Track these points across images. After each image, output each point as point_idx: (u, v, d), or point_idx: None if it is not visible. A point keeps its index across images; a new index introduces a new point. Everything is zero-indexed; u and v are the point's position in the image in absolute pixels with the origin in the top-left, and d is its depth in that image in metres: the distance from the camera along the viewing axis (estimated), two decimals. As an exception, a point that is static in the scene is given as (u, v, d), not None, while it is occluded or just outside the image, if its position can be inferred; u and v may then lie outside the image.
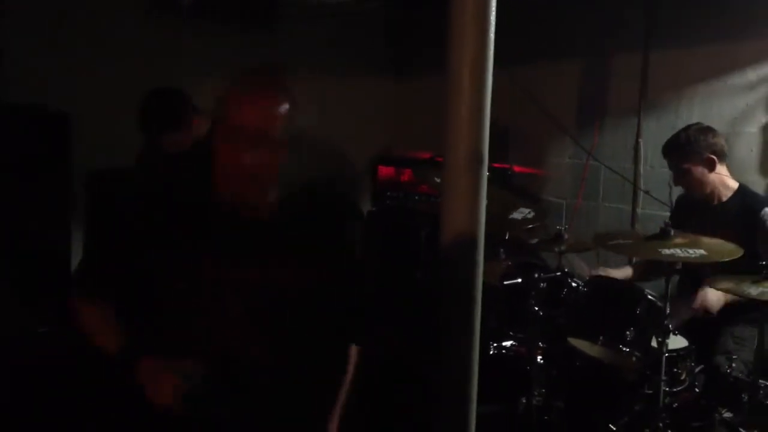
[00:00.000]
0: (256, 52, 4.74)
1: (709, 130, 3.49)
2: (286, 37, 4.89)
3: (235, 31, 4.64)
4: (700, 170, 3.43)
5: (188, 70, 3.22)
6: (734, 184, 3.49)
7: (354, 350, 2.19)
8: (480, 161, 1.75)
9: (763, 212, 3.31)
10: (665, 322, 2.85)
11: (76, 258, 3.74)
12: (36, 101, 3.55)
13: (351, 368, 2.17)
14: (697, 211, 3.54)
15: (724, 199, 3.48)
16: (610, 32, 4.59)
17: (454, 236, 1.76)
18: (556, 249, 3.58)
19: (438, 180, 3.73)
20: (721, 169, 3.46)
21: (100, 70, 4.07)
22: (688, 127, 3.53)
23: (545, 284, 3.36)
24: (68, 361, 3.31)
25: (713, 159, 3.43)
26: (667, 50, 4.35)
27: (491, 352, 3.55)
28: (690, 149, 3.44)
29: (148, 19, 4.30)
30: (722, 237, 3.13)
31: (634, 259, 4.03)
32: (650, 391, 2.96)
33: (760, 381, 2.85)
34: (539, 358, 3.33)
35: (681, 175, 3.51)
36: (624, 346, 3.08)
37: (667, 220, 3.06)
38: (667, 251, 2.83)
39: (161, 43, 4.18)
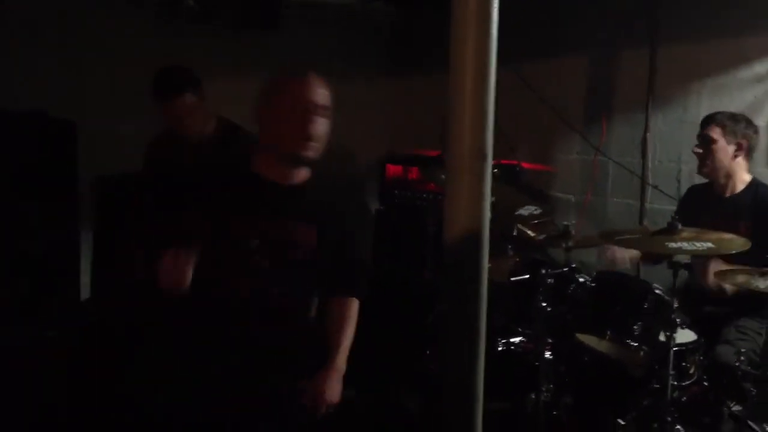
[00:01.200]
0: (260, 54, 4.77)
1: (750, 122, 3.53)
2: (290, 38, 4.90)
3: (239, 33, 4.65)
4: (724, 147, 3.44)
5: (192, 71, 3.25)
6: (748, 177, 3.52)
7: (355, 303, 2.62)
8: (483, 158, 1.75)
9: None
10: (673, 316, 2.85)
11: (84, 262, 3.77)
12: (42, 108, 3.57)
13: (351, 318, 2.59)
14: (709, 202, 3.55)
15: (738, 191, 3.49)
16: (616, 27, 4.59)
17: (457, 234, 1.77)
18: (564, 245, 3.58)
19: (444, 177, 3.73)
20: (743, 162, 3.48)
21: (106, 76, 4.09)
22: (736, 113, 3.57)
23: (552, 280, 3.36)
24: (74, 364, 3.35)
25: (742, 144, 3.45)
26: (675, 45, 4.34)
27: (499, 349, 3.56)
28: (726, 122, 3.46)
29: (153, 23, 4.31)
30: (734, 228, 3.15)
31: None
32: (658, 386, 2.95)
33: (768, 374, 2.86)
34: (547, 353, 3.34)
35: (706, 145, 3.48)
36: (632, 340, 3.08)
37: (674, 214, 3.05)
38: (674, 245, 2.84)
39: (167, 47, 4.19)
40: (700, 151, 3.49)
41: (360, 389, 4.32)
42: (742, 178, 3.50)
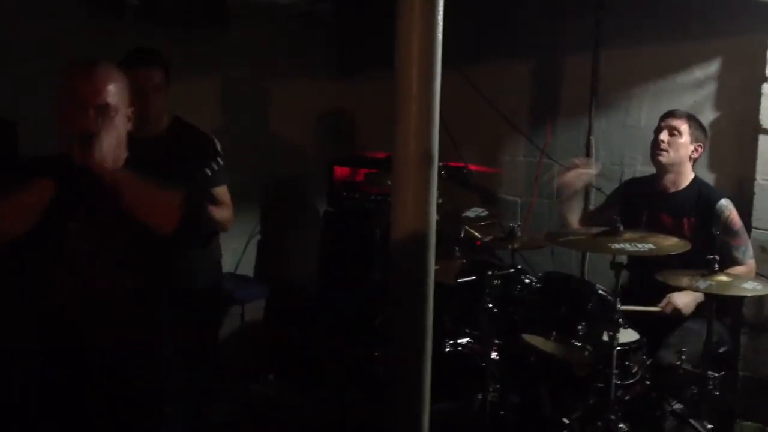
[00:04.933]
0: (206, 53, 4.72)
1: (704, 127, 3.64)
2: (236, 38, 4.87)
3: (182, 32, 4.60)
4: (686, 143, 3.52)
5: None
6: (692, 175, 3.60)
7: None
8: (430, 160, 1.76)
9: (719, 204, 3.42)
10: (616, 316, 2.90)
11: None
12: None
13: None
14: (652, 196, 3.61)
15: (682, 187, 3.56)
16: (560, 33, 4.65)
17: (404, 236, 1.78)
18: (510, 246, 3.61)
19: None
20: (690, 164, 3.58)
21: (43, 75, 4.00)
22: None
23: (499, 281, 3.39)
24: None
25: (701, 147, 3.56)
26: (617, 50, 4.42)
27: (447, 350, 3.58)
28: (696, 126, 3.55)
29: (92, 21, 4.23)
30: (678, 224, 3.23)
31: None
32: (602, 385, 3.00)
33: (709, 372, 2.92)
34: (494, 354, 3.36)
35: (669, 134, 3.53)
36: (576, 340, 3.12)
37: (605, 204, 3.10)
38: (616, 246, 2.89)
39: (107, 45, 4.11)
40: (665, 138, 3.54)
41: (308, 390, 4.34)
42: (688, 176, 3.58)
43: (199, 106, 3.69)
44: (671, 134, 3.53)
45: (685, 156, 3.53)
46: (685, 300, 3.30)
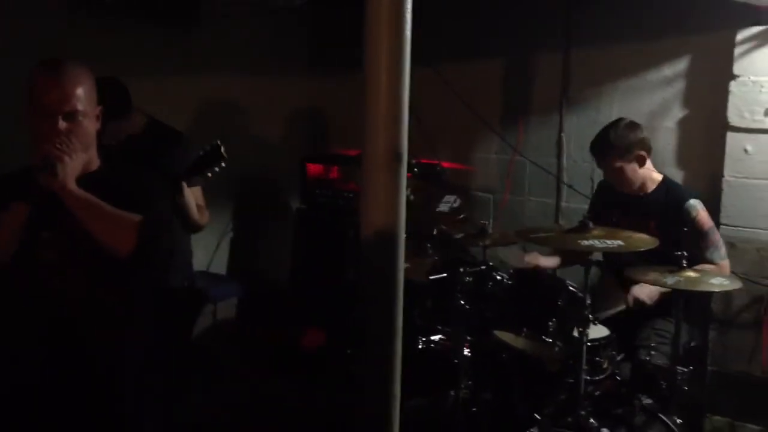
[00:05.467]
0: (179, 50, 4.69)
1: (636, 126, 3.52)
2: (209, 35, 4.84)
3: (157, 29, 4.56)
4: (632, 167, 3.49)
5: (110, 69, 3.15)
6: (658, 177, 3.59)
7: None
8: (399, 158, 1.76)
9: (686, 204, 3.41)
10: (586, 312, 2.92)
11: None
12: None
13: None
14: (621, 200, 3.61)
15: (649, 191, 3.56)
16: (531, 31, 4.67)
17: (373, 234, 1.77)
18: (481, 243, 3.62)
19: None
20: (648, 163, 3.54)
21: (20, 72, 3.94)
22: (615, 124, 3.54)
23: (471, 278, 3.39)
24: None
25: (644, 155, 3.49)
26: (587, 48, 4.45)
27: (419, 347, 3.59)
28: (621, 147, 3.46)
29: (67, 18, 4.18)
30: (645, 227, 3.24)
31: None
32: (573, 381, 3.02)
33: (678, 368, 2.95)
34: (466, 351, 3.37)
35: (613, 173, 3.54)
36: (547, 337, 3.14)
37: (586, 213, 3.13)
38: (586, 242, 2.91)
39: (82, 42, 4.07)
40: (611, 178, 3.58)
41: (282, 387, 4.34)
42: (653, 178, 3.57)
43: (171, 104, 3.67)
44: (610, 175, 3.56)
45: (635, 175, 3.51)
46: (646, 291, 3.29)
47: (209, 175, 2.88)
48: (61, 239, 2.23)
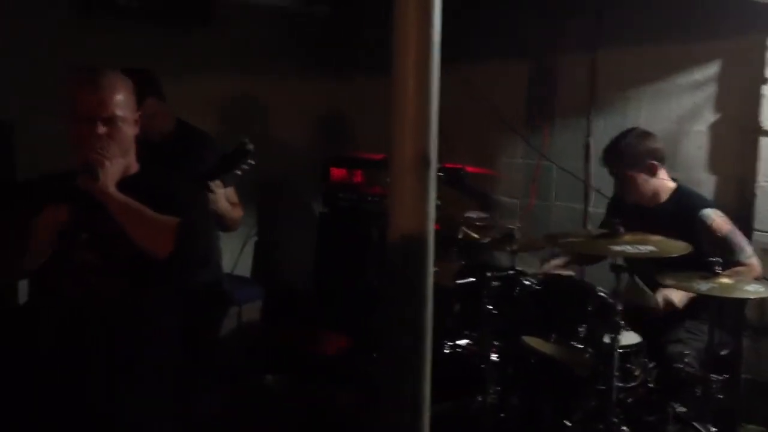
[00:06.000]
0: (193, 52, 4.70)
1: (648, 135, 3.49)
2: (230, 37, 4.85)
3: (172, 31, 4.58)
4: (643, 177, 3.45)
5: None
6: (672, 185, 3.52)
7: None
8: (427, 163, 1.73)
9: (701, 214, 3.34)
10: (617, 318, 2.88)
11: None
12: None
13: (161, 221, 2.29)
14: (633, 213, 3.52)
15: (661, 201, 3.50)
16: (558, 34, 4.63)
17: (401, 238, 1.75)
18: (508, 248, 3.59)
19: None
20: (661, 173, 3.49)
21: (36, 75, 3.97)
22: (626, 134, 3.51)
23: (498, 283, 3.37)
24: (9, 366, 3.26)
25: (655, 165, 3.45)
26: (615, 51, 4.40)
27: (446, 351, 3.56)
28: (632, 157, 3.43)
29: (83, 20, 4.21)
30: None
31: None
32: (603, 387, 2.97)
33: (712, 375, 2.89)
34: (494, 356, 3.34)
35: (623, 183, 3.51)
36: (577, 342, 3.10)
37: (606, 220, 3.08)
38: (617, 248, 2.86)
39: (97, 44, 4.10)
40: (622, 189, 3.53)
41: (305, 391, 4.34)
42: (666, 187, 3.51)
43: (190, 107, 3.67)
44: (624, 182, 3.51)
45: (647, 186, 3.48)
46: (679, 295, 3.24)
47: (239, 173, 2.89)
48: (99, 241, 2.27)
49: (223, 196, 3.09)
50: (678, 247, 2.88)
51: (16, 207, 2.30)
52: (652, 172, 3.44)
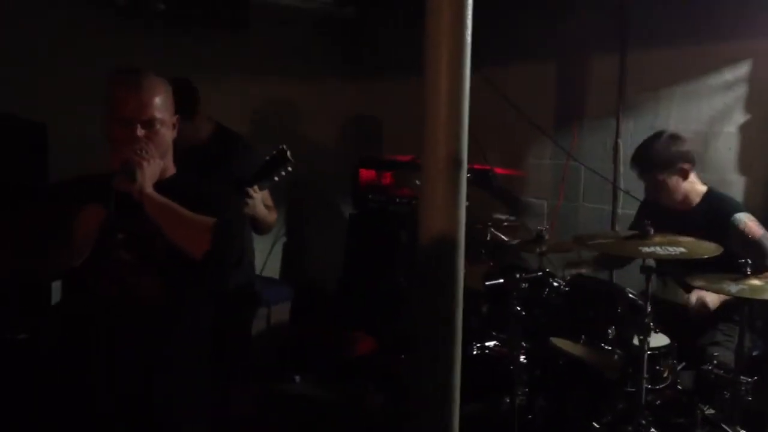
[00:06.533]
0: (229, 55, 4.75)
1: (679, 138, 3.45)
2: (260, 40, 4.89)
3: (207, 34, 4.63)
4: (674, 180, 3.42)
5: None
6: (703, 189, 3.49)
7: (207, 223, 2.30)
8: (459, 164, 1.75)
9: (733, 218, 3.31)
10: (647, 320, 2.87)
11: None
12: (10, 111, 3.52)
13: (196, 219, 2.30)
14: (665, 217, 3.47)
15: (693, 204, 3.47)
16: (586, 34, 4.62)
17: (433, 239, 1.77)
18: (537, 250, 3.59)
19: (419, 182, 3.73)
20: (692, 176, 3.46)
21: (72, 77, 4.04)
22: (656, 137, 3.48)
23: (527, 284, 3.36)
24: (45, 366, 3.32)
25: (686, 168, 3.42)
26: (645, 51, 4.38)
27: (474, 353, 3.57)
28: (663, 160, 3.40)
29: (122, 24, 4.28)
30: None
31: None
32: (632, 389, 2.97)
33: (742, 377, 2.88)
34: (522, 357, 3.34)
35: (655, 187, 3.48)
36: (606, 344, 3.10)
37: (647, 221, 3.06)
38: (647, 249, 2.85)
39: (134, 47, 4.16)
40: (654, 192, 3.49)
41: (329, 390, 4.37)
42: (697, 191, 3.48)
43: (223, 109, 3.72)
44: (656, 187, 3.47)
45: (678, 189, 3.44)
46: (713, 297, 3.21)
47: (276, 179, 2.93)
48: (135, 241, 2.28)
49: (261, 201, 3.13)
50: (708, 249, 2.87)
51: (56, 206, 2.34)
52: (684, 176, 3.42)
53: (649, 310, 2.88)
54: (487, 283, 3.63)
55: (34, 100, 3.74)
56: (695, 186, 3.48)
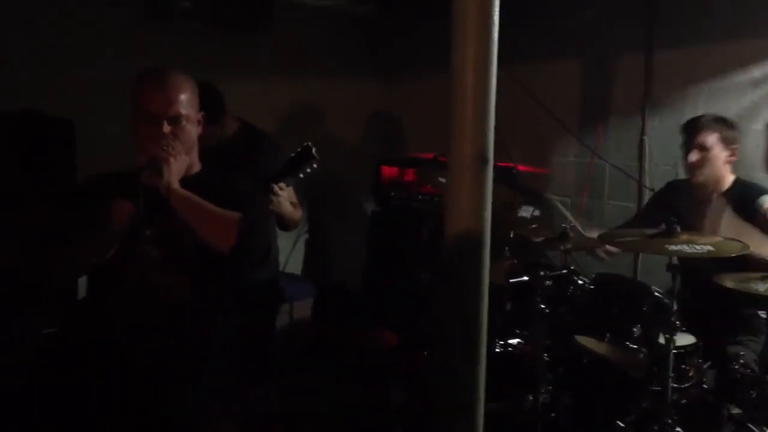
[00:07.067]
0: (252, 55, 4.77)
1: (738, 127, 3.53)
2: (282, 39, 4.91)
3: (230, 34, 4.65)
4: (718, 149, 3.42)
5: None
6: (732, 177, 3.50)
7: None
8: (485, 161, 1.75)
9: (759, 199, 3.30)
10: (673, 318, 2.85)
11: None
12: (37, 107, 3.56)
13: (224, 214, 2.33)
14: (692, 200, 3.53)
15: (723, 190, 3.47)
16: (613, 30, 4.59)
17: (459, 236, 1.77)
18: (562, 247, 3.57)
19: (442, 180, 3.72)
20: (728, 164, 3.47)
21: (97, 75, 4.08)
22: (725, 117, 3.54)
23: (551, 282, 3.36)
24: (72, 361, 3.35)
25: (736, 152, 3.46)
26: (671, 48, 4.34)
27: (497, 350, 3.56)
28: (726, 130, 3.44)
29: (143, 23, 4.31)
30: (718, 228, 3.13)
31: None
32: (658, 388, 2.95)
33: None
34: (546, 355, 3.34)
35: (697, 154, 3.45)
36: (631, 343, 3.09)
37: (646, 206, 3.03)
38: (674, 247, 2.83)
39: (157, 46, 4.19)
40: (697, 158, 3.46)
41: (350, 387, 4.37)
42: (727, 179, 3.49)
43: (245, 108, 3.74)
44: (701, 150, 3.45)
45: (719, 166, 3.45)
46: None
47: (301, 175, 2.94)
48: (162, 237, 2.31)
49: (287, 198, 3.14)
50: (736, 247, 2.84)
51: (85, 203, 2.36)
52: (730, 155, 3.45)
53: (675, 308, 2.86)
54: (511, 280, 3.62)
55: (61, 97, 3.78)
56: (728, 173, 3.49)
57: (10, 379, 3.13)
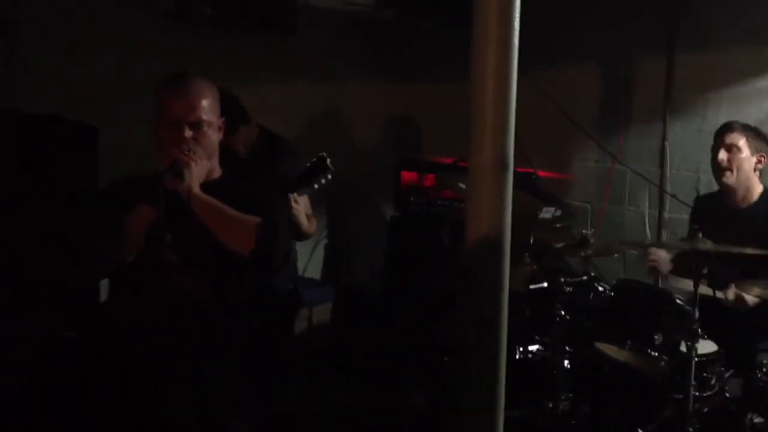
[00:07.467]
0: (274, 59, 4.78)
1: (763, 134, 3.50)
2: (301, 43, 4.92)
3: (255, 38, 4.67)
4: (746, 153, 3.40)
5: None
6: (761, 188, 3.48)
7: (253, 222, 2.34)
8: (506, 166, 1.75)
9: None
10: (695, 326, 2.83)
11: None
12: (60, 112, 3.58)
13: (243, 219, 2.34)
14: (722, 213, 3.50)
15: (752, 202, 3.45)
16: (633, 36, 4.57)
17: (479, 241, 1.76)
18: (582, 253, 3.55)
19: (461, 185, 3.72)
20: (757, 173, 3.45)
21: (122, 79, 4.10)
22: (753, 126, 3.53)
23: (571, 288, 3.34)
24: (93, 363, 3.37)
25: (763, 160, 3.44)
26: (693, 53, 4.32)
27: (517, 357, 3.54)
28: (754, 136, 3.43)
29: (169, 27, 4.33)
30: (748, 239, 3.10)
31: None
32: (679, 396, 2.93)
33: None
34: (566, 362, 3.32)
35: (727, 156, 3.42)
36: (652, 350, 3.06)
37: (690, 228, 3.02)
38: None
39: (182, 51, 4.21)
40: (725, 158, 3.43)
41: (369, 390, 4.37)
42: (756, 189, 3.47)
43: (265, 112, 3.76)
44: (730, 151, 3.42)
45: (749, 170, 3.42)
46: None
47: (316, 186, 2.94)
48: (182, 242, 2.33)
49: (303, 210, 3.15)
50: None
51: (107, 207, 2.39)
52: (758, 162, 3.42)
53: (696, 316, 2.83)
54: (530, 286, 3.60)
55: (83, 102, 3.81)
56: (756, 183, 3.47)
57: (27, 379, 3.17)
